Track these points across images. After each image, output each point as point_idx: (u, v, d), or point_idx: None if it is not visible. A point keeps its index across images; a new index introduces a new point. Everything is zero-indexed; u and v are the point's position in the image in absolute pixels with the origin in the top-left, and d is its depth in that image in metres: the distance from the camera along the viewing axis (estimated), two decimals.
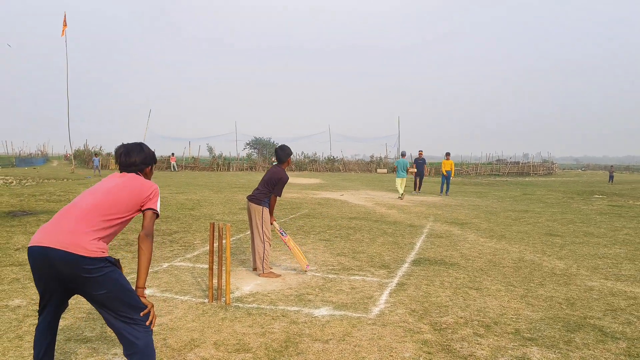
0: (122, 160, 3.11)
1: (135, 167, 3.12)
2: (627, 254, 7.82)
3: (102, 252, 2.70)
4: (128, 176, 3.05)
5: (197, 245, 7.77)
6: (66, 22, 34.01)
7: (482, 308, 4.84)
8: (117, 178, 3.05)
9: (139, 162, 3.13)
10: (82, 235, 2.67)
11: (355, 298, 5.08)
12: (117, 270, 2.79)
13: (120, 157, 3.12)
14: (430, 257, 7.23)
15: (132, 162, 3.11)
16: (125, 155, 3.11)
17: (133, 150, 3.14)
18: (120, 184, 2.97)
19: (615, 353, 3.80)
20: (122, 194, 2.92)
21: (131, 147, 3.16)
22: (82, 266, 2.62)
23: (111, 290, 2.70)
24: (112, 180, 3.04)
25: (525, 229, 10.40)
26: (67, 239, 2.64)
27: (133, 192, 2.95)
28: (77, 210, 2.78)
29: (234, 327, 4.17)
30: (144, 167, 3.17)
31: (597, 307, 4.95)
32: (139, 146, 3.18)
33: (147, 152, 3.19)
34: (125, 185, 2.97)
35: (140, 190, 2.97)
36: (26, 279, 5.49)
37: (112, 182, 3.00)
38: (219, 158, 53.14)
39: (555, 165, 58.12)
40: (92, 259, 2.64)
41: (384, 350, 3.74)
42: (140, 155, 3.14)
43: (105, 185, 2.98)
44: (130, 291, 2.78)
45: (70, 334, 3.90)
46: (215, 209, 12.71)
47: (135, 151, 3.14)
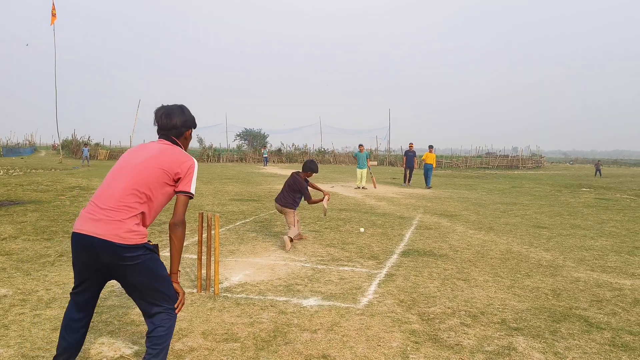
0: (163, 122, 2.97)
1: (175, 130, 2.98)
2: (613, 246, 7.91)
3: (142, 238, 2.69)
4: (163, 147, 2.91)
5: (186, 235, 7.74)
6: (55, 11, 33.55)
7: (469, 298, 4.87)
8: (152, 149, 2.91)
9: (179, 124, 2.99)
10: (120, 223, 2.64)
11: (344, 288, 5.09)
12: (155, 256, 2.78)
13: (161, 119, 2.98)
14: (419, 248, 7.27)
15: (173, 125, 2.97)
16: (167, 117, 2.97)
17: (174, 111, 3.00)
18: (155, 158, 2.83)
19: (600, 343, 3.85)
20: (156, 169, 2.79)
21: (172, 108, 3.01)
22: (122, 254, 2.63)
23: (146, 278, 2.72)
24: (145, 150, 2.90)
25: (513, 221, 10.48)
26: (107, 226, 2.63)
27: (170, 164, 2.82)
28: (114, 193, 2.71)
29: (222, 317, 4.17)
30: (184, 131, 3.03)
31: (582, 298, 5.01)
32: (179, 108, 3.04)
33: (188, 115, 3.05)
34: (160, 157, 2.83)
35: (176, 162, 2.84)
36: (12, 268, 5.45)
37: (146, 153, 2.87)
38: (209, 149, 52.94)
39: (543, 159, 58.58)
40: (130, 247, 2.64)
41: (372, 340, 3.76)
42: (181, 117, 3.00)
43: (138, 157, 2.85)
44: (164, 279, 2.80)
45: (57, 324, 3.87)
46: (205, 200, 12.66)
47: (177, 113, 3.00)
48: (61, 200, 11.40)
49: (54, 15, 33.59)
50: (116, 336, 3.69)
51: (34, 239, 7.05)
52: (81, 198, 12.03)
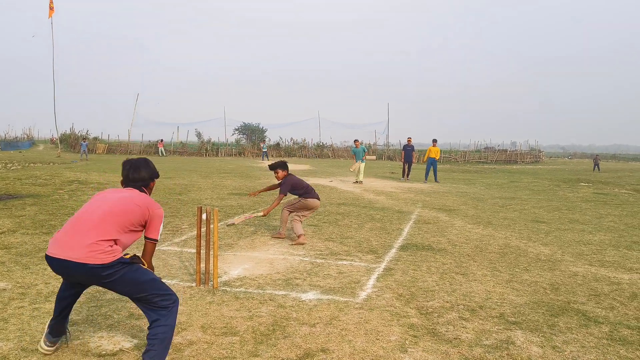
0: (131, 176, 3.22)
1: (142, 182, 3.25)
2: (611, 240, 7.93)
3: (114, 256, 2.87)
4: (135, 191, 3.17)
5: (185, 229, 7.74)
6: (53, 5, 33.38)
7: (467, 293, 4.89)
8: (125, 191, 3.16)
9: (147, 177, 3.27)
10: (95, 245, 2.83)
11: (342, 282, 5.10)
12: (134, 266, 2.96)
13: (128, 173, 3.23)
14: (418, 242, 7.28)
15: (141, 177, 3.24)
16: (134, 171, 3.23)
17: (141, 165, 3.26)
18: (129, 197, 3.08)
19: (598, 337, 3.86)
20: (131, 205, 3.03)
21: (138, 162, 3.28)
22: (99, 274, 2.83)
23: (131, 287, 2.94)
24: (119, 192, 3.16)
25: (511, 215, 10.49)
26: (82, 250, 2.82)
27: (143, 204, 3.07)
28: (91, 218, 2.94)
29: (221, 310, 4.17)
30: (149, 182, 3.31)
31: (580, 292, 5.02)
32: (145, 162, 3.32)
33: (152, 167, 3.34)
34: (133, 198, 3.08)
35: (148, 205, 3.10)
36: (11, 262, 5.45)
37: (120, 193, 3.12)
38: (208, 143, 52.86)
39: (542, 154, 58.62)
40: (105, 266, 2.83)
41: (371, 334, 3.77)
42: (148, 170, 3.28)
43: (114, 195, 3.10)
44: (150, 281, 2.98)
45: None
46: (204, 194, 12.66)
47: (143, 166, 3.27)
48: (60, 194, 11.38)
49: (52, 9, 33.43)
50: (115, 330, 3.70)
51: (33, 232, 7.05)
52: (79, 192, 12.01)
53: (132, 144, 49.96)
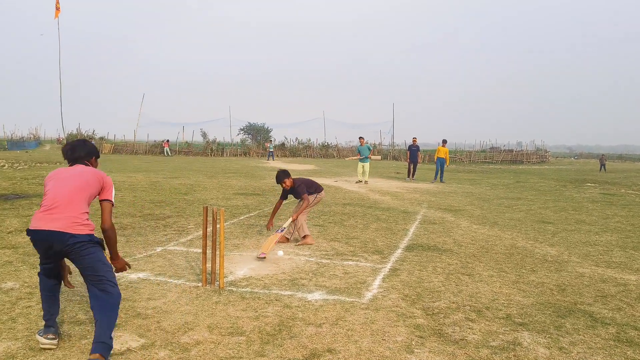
0: (69, 156, 3.60)
1: (81, 160, 3.59)
2: (618, 241, 7.90)
3: (90, 230, 3.30)
4: (86, 167, 3.55)
5: (191, 229, 7.77)
6: (59, 5, 33.56)
7: (474, 293, 4.88)
8: (77, 167, 3.52)
9: (83, 155, 3.61)
10: (74, 218, 3.25)
11: (348, 283, 5.10)
12: (100, 249, 3.36)
13: (66, 153, 3.61)
14: (424, 243, 7.27)
15: (77, 156, 3.59)
16: (71, 151, 3.60)
17: (77, 146, 3.64)
18: (85, 172, 3.46)
19: (605, 338, 3.85)
20: (90, 179, 3.43)
21: (75, 143, 3.67)
22: (74, 242, 3.21)
23: (92, 265, 3.27)
24: (73, 169, 3.50)
25: (517, 216, 10.46)
26: (63, 222, 3.22)
27: (94, 175, 3.46)
28: (65, 195, 3.31)
29: (227, 310, 4.19)
30: (88, 159, 3.65)
31: (587, 294, 5.00)
32: (82, 142, 3.70)
33: (90, 147, 3.70)
34: (84, 170, 3.48)
35: (98, 175, 3.49)
36: (19, 261, 5.48)
37: (75, 170, 3.48)
38: (213, 143, 52.95)
39: (548, 154, 58.40)
40: (81, 237, 3.23)
41: (377, 335, 3.77)
42: (84, 149, 3.63)
43: (72, 172, 3.45)
44: (106, 266, 3.35)
45: (64, 317, 3.90)
46: (209, 194, 12.69)
47: (79, 146, 3.64)
48: None
49: (58, 9, 33.62)
50: (123, 329, 3.71)
51: None
52: None
53: (138, 144, 50.13)
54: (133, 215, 8.82)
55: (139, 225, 7.90)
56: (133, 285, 4.76)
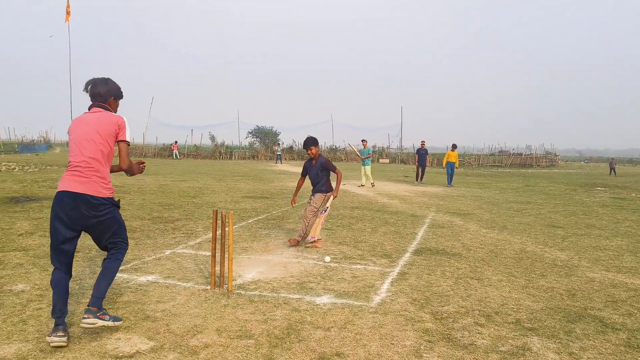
0: (90, 90, 3.72)
1: (100, 97, 3.71)
2: (628, 245, 7.83)
3: (111, 192, 3.62)
4: (98, 114, 3.65)
5: (200, 232, 7.79)
6: (69, 9, 33.87)
7: (483, 298, 4.85)
8: (89, 118, 3.64)
9: (103, 92, 3.72)
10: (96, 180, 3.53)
11: (356, 287, 5.10)
12: (118, 210, 3.70)
13: (87, 87, 3.73)
14: (432, 247, 7.25)
15: (97, 92, 3.70)
16: (93, 86, 3.72)
17: (99, 83, 3.73)
18: (94, 125, 3.58)
19: (615, 344, 3.81)
20: (103, 129, 3.57)
21: (98, 80, 3.74)
22: (97, 205, 3.52)
23: (114, 227, 3.65)
24: (87, 123, 3.61)
25: (527, 220, 10.41)
26: (87, 185, 3.49)
27: (109, 122, 3.60)
28: (85, 157, 3.53)
29: (236, 313, 4.19)
30: (107, 98, 3.75)
31: (597, 299, 4.96)
32: (104, 80, 3.77)
33: (111, 86, 3.78)
34: (98, 121, 3.60)
35: (112, 120, 3.62)
36: (29, 264, 5.52)
37: (89, 126, 3.59)
38: (221, 146, 53.16)
39: (557, 157, 58.04)
40: (104, 200, 3.55)
41: (385, 339, 3.76)
42: (105, 87, 3.73)
43: (85, 129, 3.58)
44: (123, 227, 3.74)
45: (74, 319, 3.92)
46: (218, 197, 12.73)
47: (101, 83, 3.73)
48: None
49: (69, 13, 33.92)
50: (132, 332, 3.73)
51: None
52: None
53: (147, 147, 50.40)
54: (142, 218, 8.87)
55: (148, 228, 7.94)
56: (142, 288, 4.78)
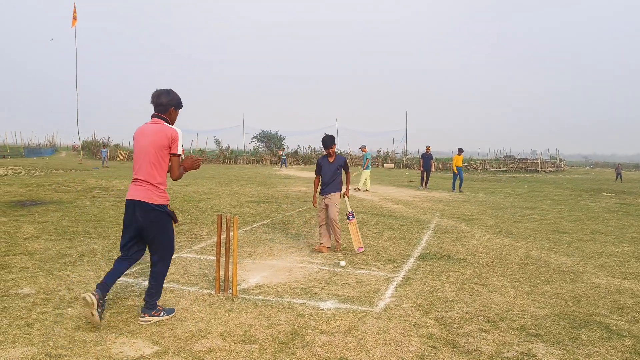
0: (154, 100, 4.07)
1: (162, 107, 4.08)
2: (634, 252, 7.79)
3: (165, 200, 4.01)
4: (155, 128, 4.00)
5: (204, 237, 7.81)
6: (76, 14, 34.08)
7: (487, 304, 4.84)
8: (148, 130, 4.00)
9: (165, 102, 4.07)
10: (152, 189, 3.95)
11: (361, 292, 5.10)
12: (170, 220, 4.06)
13: (152, 98, 4.08)
14: (437, 252, 7.23)
15: (160, 102, 4.06)
16: (157, 97, 4.07)
17: (162, 93, 4.09)
18: (151, 137, 3.95)
19: (621, 350, 3.79)
20: (157, 142, 3.93)
21: (162, 91, 4.10)
22: (152, 210, 3.93)
23: (161, 235, 4.02)
24: (146, 135, 3.98)
25: (532, 225, 10.37)
26: (144, 193, 3.93)
27: (164, 135, 3.95)
28: (143, 169, 3.95)
29: (240, 318, 4.20)
30: (168, 108, 4.11)
31: (603, 305, 4.94)
32: (167, 91, 4.12)
33: (173, 97, 4.12)
34: (155, 135, 3.95)
35: (167, 133, 3.97)
36: (35, 267, 5.55)
37: (147, 138, 3.97)
38: (226, 151, 53.26)
39: (563, 163, 57.85)
40: (158, 206, 3.95)
41: (390, 344, 3.76)
42: (167, 97, 4.09)
43: (144, 141, 3.97)
44: (170, 238, 4.10)
45: (79, 323, 3.94)
46: (222, 202, 12.75)
47: (164, 94, 4.09)
48: (82, 201, 11.57)
49: (75, 18, 34.14)
50: (137, 336, 3.74)
51: (56, 239, 7.17)
52: (101, 199, 12.20)
53: None
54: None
55: None
56: None
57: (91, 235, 7.55)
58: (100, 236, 7.48)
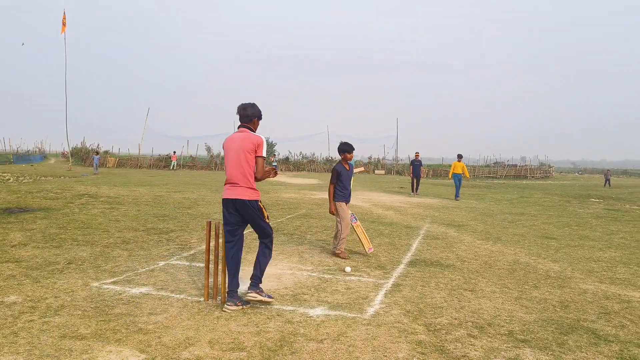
0: (241, 112, 4.80)
1: (247, 118, 4.81)
2: (622, 257, 7.86)
3: (257, 196, 4.71)
4: (243, 135, 4.70)
5: (194, 244, 7.78)
6: (66, 20, 33.92)
7: (476, 309, 4.86)
8: (237, 137, 4.72)
9: (250, 114, 4.80)
10: (246, 188, 4.64)
11: (350, 298, 5.10)
12: (262, 213, 4.75)
13: (239, 110, 4.80)
14: (426, 258, 7.25)
15: (245, 114, 4.79)
16: (243, 110, 4.79)
17: (248, 107, 4.82)
18: (239, 143, 4.66)
19: (608, 356, 3.82)
20: (245, 147, 4.62)
21: (247, 104, 4.83)
22: (251, 205, 4.65)
23: (260, 222, 4.75)
24: (235, 141, 4.70)
25: (521, 231, 10.43)
26: (240, 192, 4.63)
27: (250, 141, 4.64)
28: (236, 171, 4.65)
29: (229, 325, 4.18)
30: (252, 119, 4.83)
31: (590, 310, 4.98)
32: (252, 104, 4.86)
33: (256, 109, 4.85)
34: (242, 142, 4.65)
35: (253, 140, 4.65)
36: (22, 275, 5.50)
37: (236, 143, 4.67)
38: (217, 157, 53.10)
39: (552, 169, 58.30)
40: (253, 201, 4.66)
41: (378, 351, 3.76)
42: (252, 110, 4.82)
43: (234, 146, 4.69)
44: (267, 224, 4.80)
45: (65, 331, 3.90)
46: (213, 208, 12.71)
47: (250, 107, 4.82)
48: (70, 208, 11.48)
49: (64, 25, 33.97)
50: (123, 344, 3.71)
51: (43, 246, 7.11)
52: (90, 206, 12.11)
53: (143, 158, 50.33)
54: (136, 230, 8.85)
55: (142, 240, 7.92)
56: (134, 300, 4.76)
57: (79, 242, 7.49)
58: (88, 243, 7.42)
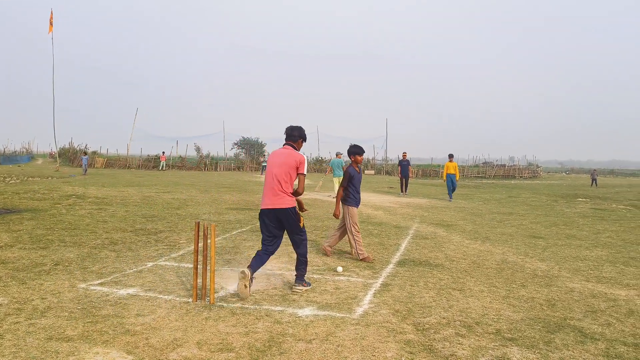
0: (288, 132, 5.42)
1: (293, 138, 5.41)
2: (608, 256, 7.94)
3: (293, 203, 5.20)
4: (287, 152, 5.28)
5: (183, 244, 7.74)
6: (53, 21, 33.64)
7: (464, 309, 4.88)
8: (282, 153, 5.30)
9: (296, 135, 5.41)
10: (282, 197, 5.15)
11: (339, 298, 5.10)
12: (298, 218, 5.23)
13: (287, 130, 5.43)
14: (415, 258, 7.28)
15: (292, 134, 5.40)
16: (291, 130, 5.42)
17: (295, 128, 5.44)
18: (283, 159, 5.22)
19: (594, 354, 3.86)
20: (289, 160, 5.19)
21: (295, 127, 5.45)
22: (286, 212, 5.15)
23: (295, 229, 5.26)
24: (280, 156, 5.26)
25: (509, 231, 10.51)
26: (275, 201, 5.14)
27: (293, 159, 5.20)
28: (273, 182, 5.16)
29: (217, 326, 4.17)
30: (297, 139, 5.43)
31: (577, 309, 5.02)
32: (299, 127, 5.47)
33: (302, 131, 5.46)
34: (287, 158, 5.22)
35: (296, 158, 5.22)
36: (8, 277, 5.44)
37: (281, 158, 5.24)
38: (207, 158, 52.91)
39: (540, 169, 58.78)
40: (289, 209, 5.15)
41: (367, 350, 3.76)
42: (298, 132, 5.43)
43: (278, 160, 5.23)
44: (302, 231, 5.31)
45: (52, 333, 3.87)
46: (202, 209, 12.67)
47: (297, 129, 5.44)
48: (57, 209, 11.38)
49: (52, 24, 33.69)
50: (110, 346, 3.69)
51: (30, 247, 7.04)
52: (77, 207, 12.01)
53: (131, 158, 50.02)
54: (124, 230, 8.79)
55: (130, 240, 7.87)
56: (122, 301, 4.73)
57: (66, 243, 7.42)
58: (75, 245, 7.36)
